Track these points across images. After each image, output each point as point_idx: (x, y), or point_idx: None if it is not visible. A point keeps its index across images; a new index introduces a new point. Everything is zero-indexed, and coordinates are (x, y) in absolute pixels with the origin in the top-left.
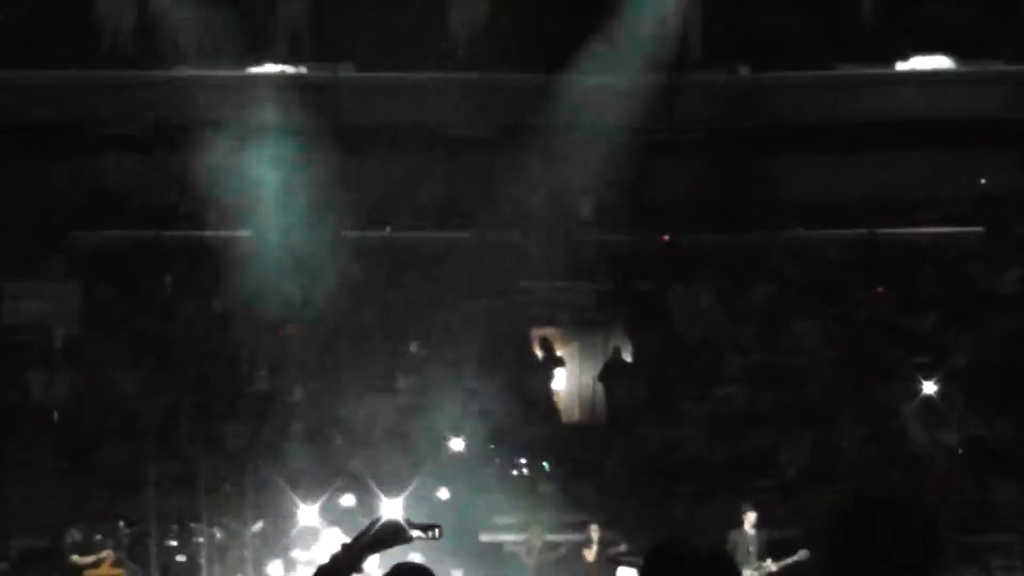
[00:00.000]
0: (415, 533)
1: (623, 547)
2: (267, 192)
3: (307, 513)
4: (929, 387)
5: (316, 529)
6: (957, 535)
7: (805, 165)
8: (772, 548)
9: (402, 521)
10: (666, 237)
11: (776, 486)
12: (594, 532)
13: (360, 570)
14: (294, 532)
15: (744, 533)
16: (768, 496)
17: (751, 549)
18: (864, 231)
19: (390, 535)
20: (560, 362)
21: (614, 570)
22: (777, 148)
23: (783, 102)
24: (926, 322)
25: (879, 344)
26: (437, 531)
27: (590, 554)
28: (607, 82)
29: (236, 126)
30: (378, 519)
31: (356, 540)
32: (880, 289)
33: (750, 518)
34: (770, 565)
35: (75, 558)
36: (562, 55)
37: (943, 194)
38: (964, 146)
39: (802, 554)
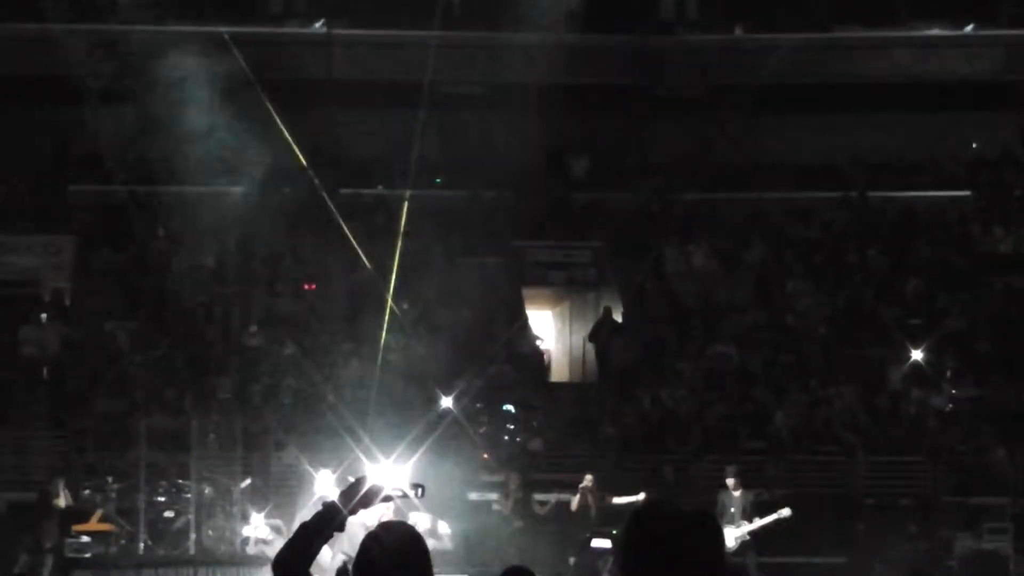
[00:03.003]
0: (397, 491)
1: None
2: (261, 148)
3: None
4: (922, 349)
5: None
6: (948, 496)
7: (800, 126)
8: (760, 508)
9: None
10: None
11: (768, 447)
12: (588, 481)
13: (343, 528)
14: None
15: (729, 494)
16: (760, 456)
17: (733, 510)
18: (857, 193)
19: (372, 494)
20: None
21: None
22: (773, 109)
23: (779, 63)
24: (920, 284)
25: (873, 306)
26: (420, 490)
27: (582, 502)
28: (600, 41)
29: (229, 81)
30: (362, 478)
31: (340, 498)
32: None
33: (733, 480)
34: (749, 525)
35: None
36: (555, 14)
37: (938, 157)
38: (959, 109)
39: (783, 512)
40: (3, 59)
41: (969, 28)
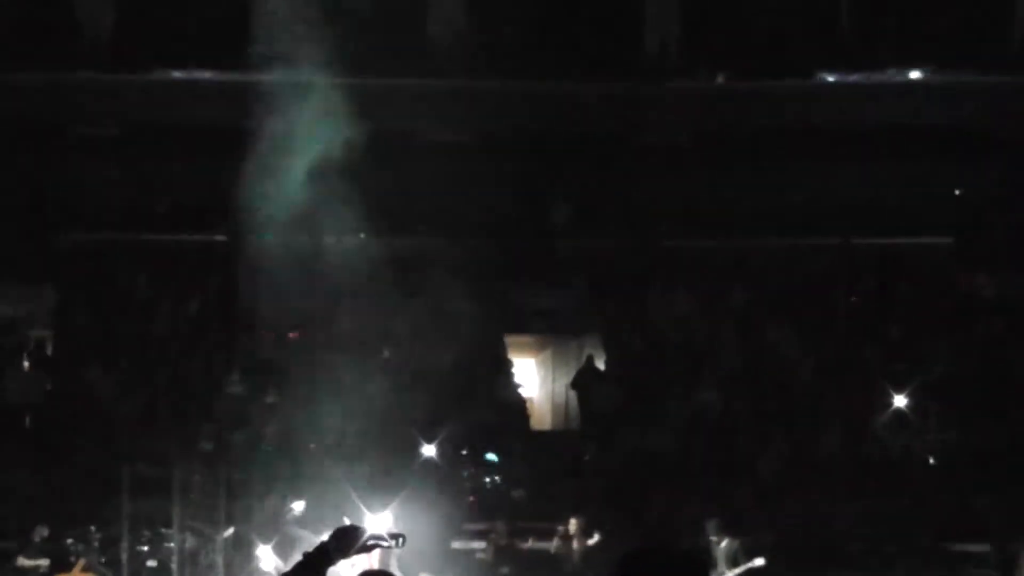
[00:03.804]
0: (380, 541)
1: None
2: (243, 196)
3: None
4: (905, 395)
5: (286, 534)
6: (932, 543)
7: (783, 172)
8: (745, 554)
9: (367, 529)
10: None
11: (752, 492)
12: (572, 526)
13: (334, 563)
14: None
15: (713, 543)
16: (744, 502)
17: (717, 558)
18: (840, 239)
19: (354, 543)
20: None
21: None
22: (755, 156)
23: (762, 110)
24: (903, 330)
25: (856, 351)
26: (401, 539)
27: (570, 547)
28: (582, 88)
29: (214, 130)
30: (343, 527)
31: (320, 548)
32: (855, 298)
33: (716, 531)
34: (727, 573)
35: (21, 560)
36: (542, 62)
37: (919, 203)
38: (941, 155)
39: (756, 561)
40: None
41: (951, 74)
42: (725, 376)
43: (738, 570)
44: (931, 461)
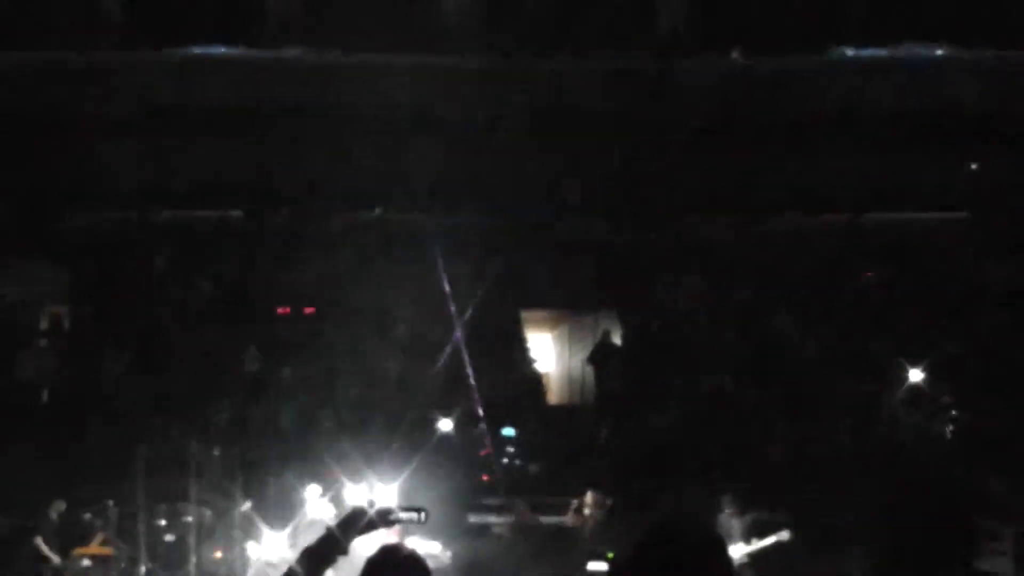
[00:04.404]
0: (401, 515)
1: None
2: (256, 173)
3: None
4: (916, 377)
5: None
6: (945, 525)
7: (795, 153)
8: (759, 530)
9: (389, 504)
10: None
11: (762, 475)
12: (588, 499)
13: (346, 552)
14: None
15: (727, 519)
16: (754, 485)
17: (732, 534)
18: (849, 218)
19: (376, 517)
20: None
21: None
22: (768, 136)
23: (774, 89)
24: (914, 311)
25: (867, 333)
26: (423, 514)
27: (585, 521)
28: (598, 65)
29: (230, 107)
30: (361, 506)
31: (343, 522)
32: (869, 273)
33: (729, 506)
34: (747, 548)
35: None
36: (554, 39)
37: (933, 182)
38: (955, 134)
39: (783, 534)
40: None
41: (970, 51)
42: (735, 357)
43: (763, 543)
44: (943, 444)
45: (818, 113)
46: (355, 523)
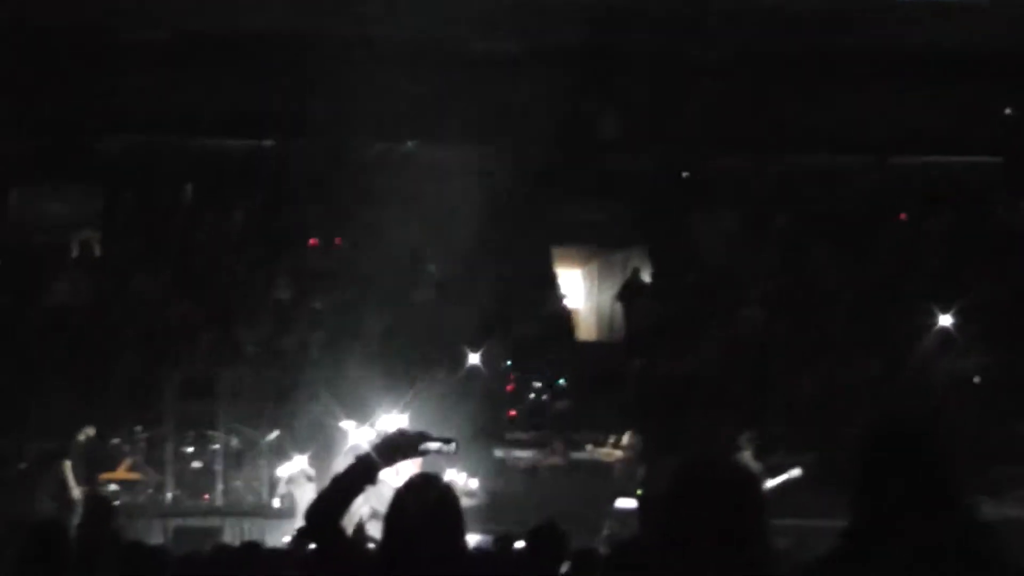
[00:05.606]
0: (431, 446)
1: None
2: (290, 103)
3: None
4: (947, 320)
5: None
6: (974, 467)
7: (832, 92)
8: (775, 472)
9: (414, 435)
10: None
11: (790, 412)
12: (627, 438)
13: (375, 482)
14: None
15: (744, 458)
16: (781, 421)
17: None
18: (881, 159)
19: (406, 447)
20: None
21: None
22: (804, 74)
23: (810, 26)
24: (945, 253)
25: (899, 273)
26: (453, 445)
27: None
28: (633, 3)
29: (264, 35)
30: (395, 432)
31: (372, 452)
32: (903, 215)
33: (748, 445)
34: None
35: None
36: None
37: (968, 125)
38: (993, 78)
39: (793, 472)
40: (38, 10)
41: None
42: (766, 296)
43: (776, 480)
44: (970, 385)
45: (856, 52)
46: (385, 452)
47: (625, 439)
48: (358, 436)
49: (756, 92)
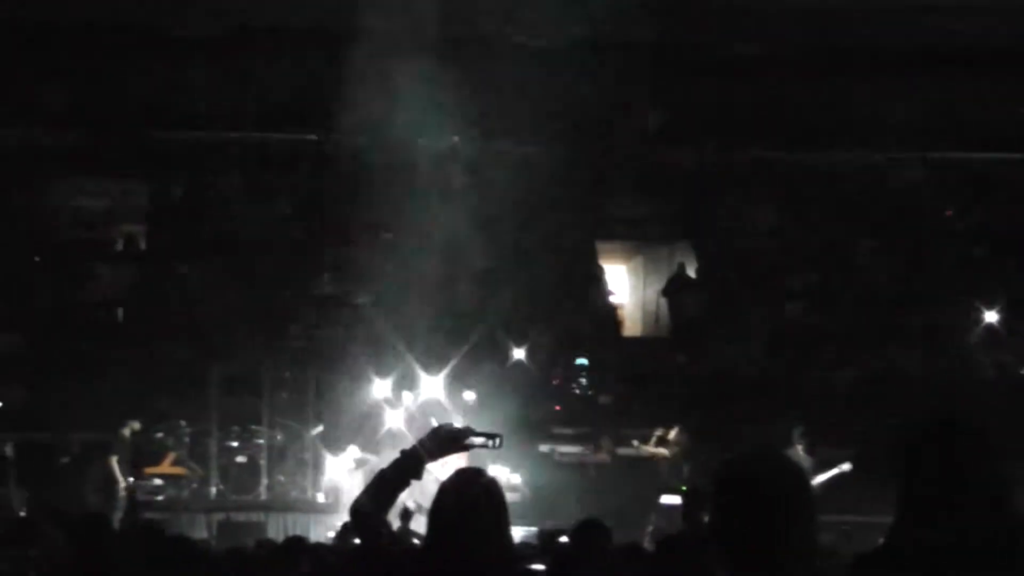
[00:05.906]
0: (476, 440)
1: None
2: (336, 97)
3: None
4: (992, 313)
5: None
6: (1012, 462)
7: (876, 86)
8: (824, 467)
9: (463, 429)
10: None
11: (834, 406)
12: (672, 434)
13: (420, 476)
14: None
15: (797, 453)
16: (826, 416)
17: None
18: (924, 154)
19: (451, 442)
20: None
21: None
22: (847, 68)
23: (855, 22)
24: (991, 247)
25: (944, 267)
26: (498, 440)
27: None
28: None
29: (309, 30)
30: (440, 426)
31: (417, 446)
32: (948, 212)
33: (800, 440)
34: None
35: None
36: None
37: (1012, 119)
38: None
39: (843, 467)
40: (85, 6)
41: None
42: (809, 290)
43: (826, 475)
44: (1018, 379)
45: (900, 48)
46: (431, 446)
47: (671, 434)
48: (399, 422)
49: (800, 87)
